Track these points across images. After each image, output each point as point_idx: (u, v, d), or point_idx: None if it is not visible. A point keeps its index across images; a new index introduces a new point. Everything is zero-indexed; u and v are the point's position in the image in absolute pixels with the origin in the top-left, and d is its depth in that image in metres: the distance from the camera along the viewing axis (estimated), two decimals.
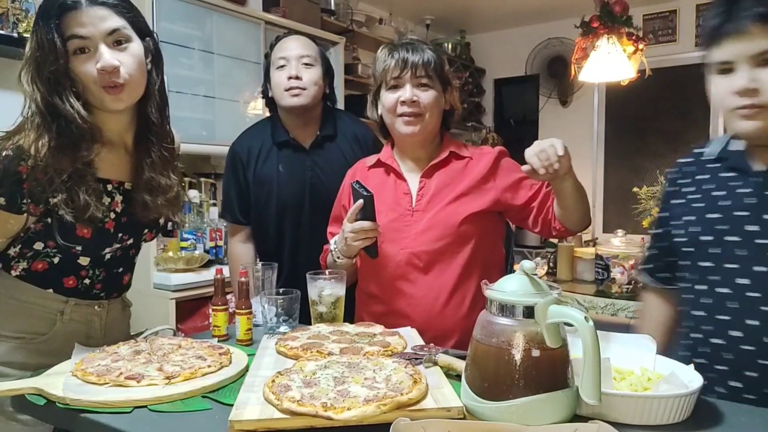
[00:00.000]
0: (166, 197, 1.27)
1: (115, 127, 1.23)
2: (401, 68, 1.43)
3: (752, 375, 1.04)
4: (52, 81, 1.11)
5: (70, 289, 1.23)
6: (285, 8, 3.43)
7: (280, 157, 1.85)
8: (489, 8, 4.90)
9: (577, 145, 5.14)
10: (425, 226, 1.45)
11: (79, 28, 1.11)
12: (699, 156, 1.23)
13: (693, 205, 1.17)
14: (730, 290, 1.07)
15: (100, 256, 1.24)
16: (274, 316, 1.33)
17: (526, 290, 0.87)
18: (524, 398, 0.83)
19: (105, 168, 1.21)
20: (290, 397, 0.87)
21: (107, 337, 1.28)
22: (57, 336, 1.22)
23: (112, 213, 1.22)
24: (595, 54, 3.32)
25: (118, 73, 1.13)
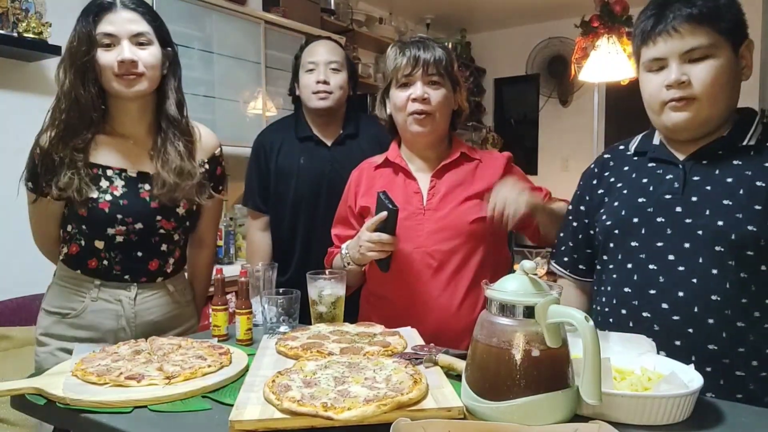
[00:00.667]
0: (192, 181, 1.41)
1: (124, 117, 1.40)
2: (412, 66, 1.42)
3: (678, 343, 1.11)
4: (81, 69, 1.31)
5: (93, 270, 1.39)
6: (285, 8, 3.43)
7: (302, 150, 1.96)
8: (489, 7, 4.90)
9: (577, 145, 5.16)
10: (438, 226, 1.44)
11: (110, 26, 1.31)
12: (620, 152, 1.34)
13: (621, 192, 1.25)
14: (657, 266, 1.15)
15: (110, 238, 1.37)
16: (274, 316, 1.33)
17: (526, 290, 0.87)
18: (524, 398, 0.83)
19: (107, 155, 1.38)
20: (290, 397, 0.87)
21: (138, 320, 1.41)
22: (87, 312, 1.38)
23: (108, 195, 1.36)
24: (596, 54, 3.32)
25: (136, 65, 1.32)
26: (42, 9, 2.49)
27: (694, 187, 1.15)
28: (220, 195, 1.57)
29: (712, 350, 1.09)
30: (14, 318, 2.24)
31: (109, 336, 1.38)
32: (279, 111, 3.32)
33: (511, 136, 5.54)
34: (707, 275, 1.10)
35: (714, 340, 1.09)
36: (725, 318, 1.09)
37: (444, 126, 1.49)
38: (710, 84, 1.11)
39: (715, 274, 1.10)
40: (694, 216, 1.13)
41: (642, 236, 1.19)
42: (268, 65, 3.23)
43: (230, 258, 2.88)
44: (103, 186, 1.36)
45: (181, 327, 1.49)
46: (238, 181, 3.49)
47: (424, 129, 1.45)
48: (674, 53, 1.12)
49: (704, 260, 1.11)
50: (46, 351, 1.39)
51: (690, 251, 1.12)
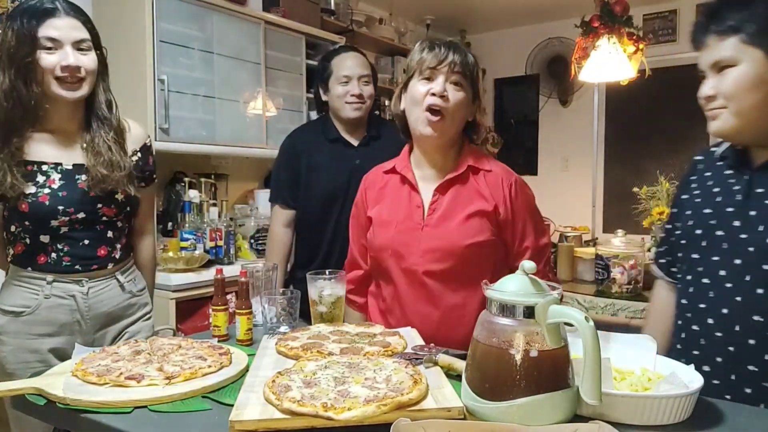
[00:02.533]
0: (122, 173, 1.47)
1: (59, 115, 1.46)
2: (439, 60, 1.39)
3: (719, 360, 1.10)
4: (22, 69, 1.36)
5: (43, 266, 1.43)
6: (285, 8, 3.42)
7: (331, 150, 2.15)
8: (489, 8, 4.90)
9: (577, 145, 5.16)
10: (433, 245, 1.40)
11: (54, 31, 1.38)
12: (710, 154, 1.28)
13: (695, 200, 1.22)
14: (709, 281, 1.14)
15: (54, 229, 1.42)
16: (274, 316, 1.33)
17: (526, 290, 0.87)
18: (525, 398, 0.83)
19: (41, 151, 1.45)
20: (290, 397, 0.87)
21: (92, 312, 1.46)
22: (41, 309, 1.43)
23: (47, 189, 1.42)
24: (596, 54, 3.32)
25: (79, 71, 1.40)
26: None
27: (755, 199, 1.11)
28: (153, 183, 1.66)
29: (752, 371, 1.06)
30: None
31: (65, 329, 1.44)
32: (279, 111, 3.32)
33: (511, 136, 5.53)
34: (752, 294, 1.07)
35: (754, 361, 1.06)
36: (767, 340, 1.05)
37: (455, 131, 1.44)
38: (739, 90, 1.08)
39: (760, 294, 1.06)
40: (749, 231, 1.09)
41: (702, 248, 1.16)
42: (268, 65, 3.23)
43: (230, 258, 2.87)
44: (40, 181, 1.42)
45: (135, 315, 1.57)
46: (239, 181, 3.51)
47: (434, 132, 1.40)
48: (706, 66, 1.12)
49: (751, 278, 1.07)
50: (6, 349, 1.42)
51: (739, 268, 1.09)
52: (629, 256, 2.51)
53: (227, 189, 3.37)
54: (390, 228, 1.45)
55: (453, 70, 1.39)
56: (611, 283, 2.53)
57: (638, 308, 2.38)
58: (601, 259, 2.60)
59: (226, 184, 3.37)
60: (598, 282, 2.62)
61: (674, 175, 3.27)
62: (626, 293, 2.48)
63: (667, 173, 3.25)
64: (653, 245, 2.94)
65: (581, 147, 5.05)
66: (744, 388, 1.06)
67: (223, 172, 3.33)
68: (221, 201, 3.08)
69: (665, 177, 3.08)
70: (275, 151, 3.32)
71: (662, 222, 2.87)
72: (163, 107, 2.64)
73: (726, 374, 1.07)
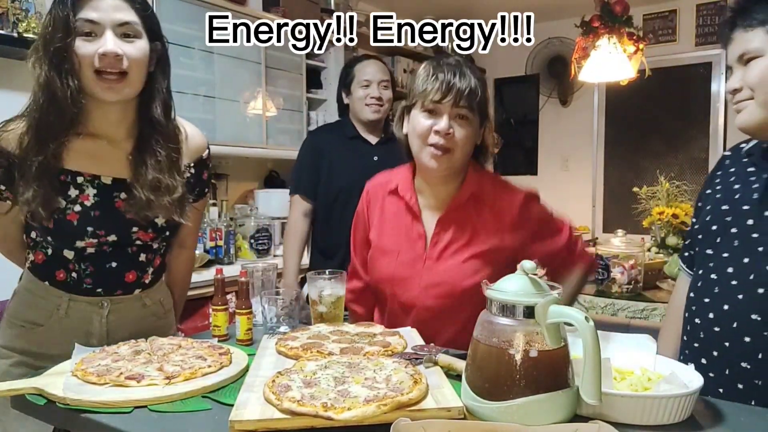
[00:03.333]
0: (171, 197, 1.25)
1: (102, 119, 1.23)
2: (444, 93, 1.30)
3: (715, 354, 1.12)
4: (56, 58, 1.13)
5: (61, 282, 1.24)
6: (285, 8, 3.43)
7: (349, 147, 2.33)
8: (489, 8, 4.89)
9: (577, 145, 5.16)
10: (433, 281, 1.37)
11: (92, 12, 1.14)
12: (738, 150, 1.27)
13: (716, 196, 1.23)
14: (716, 276, 1.15)
15: (80, 249, 1.23)
16: (274, 316, 1.33)
17: (526, 290, 0.87)
18: (524, 398, 0.83)
19: (78, 160, 1.22)
20: (290, 397, 0.87)
21: (110, 337, 1.26)
22: (53, 329, 1.24)
23: (78, 206, 1.20)
24: (596, 54, 3.32)
25: (120, 61, 1.15)
26: (42, 9, 2.49)
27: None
28: (204, 199, 1.44)
29: (745, 368, 1.08)
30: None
31: None
32: (279, 111, 3.32)
33: (511, 136, 5.53)
34: (752, 293, 1.08)
35: (748, 358, 1.08)
36: (763, 339, 1.07)
37: (462, 162, 1.37)
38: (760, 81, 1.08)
39: (760, 293, 1.07)
40: (760, 231, 1.10)
41: (716, 245, 1.17)
42: (268, 65, 3.23)
43: (230, 258, 2.87)
44: (72, 195, 1.20)
45: None
46: (239, 182, 3.51)
47: (439, 166, 1.33)
48: (733, 60, 1.12)
49: (754, 277, 1.09)
50: (5, 363, 1.25)
51: (747, 266, 1.10)
52: (629, 256, 2.51)
53: (227, 189, 3.37)
54: (391, 258, 1.42)
55: (458, 104, 1.30)
56: (611, 283, 2.53)
57: (638, 308, 2.38)
58: (601, 259, 2.60)
59: (226, 184, 3.37)
60: (598, 282, 2.62)
61: (674, 175, 3.28)
62: (626, 293, 2.49)
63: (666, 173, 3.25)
64: (653, 245, 2.94)
65: (581, 147, 5.05)
66: (737, 384, 1.08)
67: (223, 172, 3.33)
68: (221, 201, 3.08)
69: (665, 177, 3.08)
70: (275, 151, 3.36)
71: (662, 222, 2.88)
72: None
73: (721, 369, 1.09)
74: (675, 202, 2.94)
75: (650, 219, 2.94)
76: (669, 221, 2.85)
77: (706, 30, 4.55)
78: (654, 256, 2.79)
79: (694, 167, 4.62)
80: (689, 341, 1.21)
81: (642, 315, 2.35)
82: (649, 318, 2.32)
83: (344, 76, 2.43)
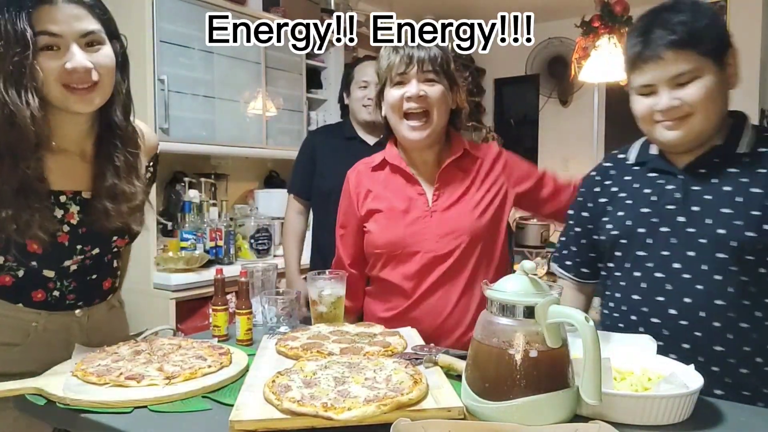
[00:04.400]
0: (129, 205, 1.20)
1: (72, 132, 1.18)
2: (407, 63, 1.39)
3: (686, 346, 1.15)
4: (13, 74, 1.04)
5: (39, 303, 1.18)
6: (285, 8, 3.43)
7: (347, 147, 2.30)
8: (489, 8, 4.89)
9: (577, 145, 5.16)
10: (447, 229, 1.42)
11: (52, 25, 1.06)
12: (620, 161, 1.36)
13: (625, 202, 1.29)
14: (664, 274, 1.19)
15: (64, 268, 1.18)
16: (274, 316, 1.33)
17: (526, 290, 0.87)
18: (525, 398, 0.83)
19: (58, 179, 1.16)
20: (290, 397, 0.87)
21: (91, 339, 1.23)
22: (33, 345, 1.18)
23: (66, 226, 1.16)
24: (596, 54, 3.32)
25: (89, 74, 1.10)
26: None
27: (694, 196, 1.19)
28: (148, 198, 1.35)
29: (719, 351, 1.14)
30: None
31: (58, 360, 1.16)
32: (279, 111, 3.32)
33: (511, 136, 5.53)
34: (711, 281, 1.14)
35: (720, 341, 1.14)
36: (730, 320, 1.13)
37: (442, 125, 1.45)
38: (702, 102, 1.13)
39: (718, 279, 1.14)
40: (696, 225, 1.17)
41: (648, 245, 1.22)
42: (268, 65, 3.23)
43: (230, 258, 2.87)
44: (58, 215, 1.15)
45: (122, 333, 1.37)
46: (239, 182, 3.51)
47: (419, 136, 1.41)
48: (662, 80, 1.15)
49: (708, 267, 1.15)
50: None
51: (694, 259, 1.16)
52: None
53: (227, 189, 3.37)
54: (397, 221, 1.44)
55: (423, 69, 1.39)
56: None
57: None
58: None
59: (226, 184, 3.37)
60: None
61: None
62: None
63: None
64: None
65: (581, 147, 5.05)
66: (711, 367, 1.13)
67: (223, 172, 3.33)
68: (221, 201, 3.08)
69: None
70: (275, 151, 3.36)
71: None
72: (163, 107, 2.64)
73: (693, 357, 1.12)
74: None
75: None
76: None
77: None
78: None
79: None
80: None
81: None
82: None
83: (345, 77, 2.49)
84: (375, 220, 1.49)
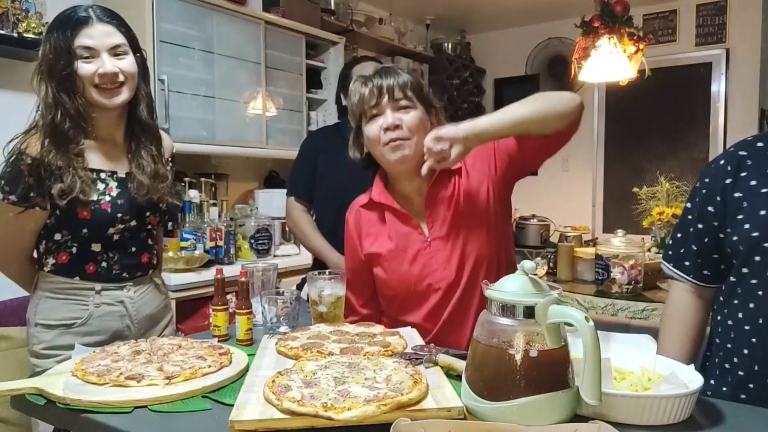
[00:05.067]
0: (166, 183, 1.51)
1: (106, 123, 1.47)
2: (377, 95, 1.38)
3: None
4: (63, 80, 1.37)
5: (92, 275, 1.44)
6: (285, 8, 3.42)
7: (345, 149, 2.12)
8: (489, 8, 4.90)
9: (577, 145, 5.15)
10: (451, 253, 1.40)
11: (89, 40, 1.38)
12: (759, 150, 1.15)
13: (767, 199, 1.09)
14: None
15: (108, 237, 1.44)
16: (274, 316, 1.33)
17: (526, 290, 0.87)
18: (525, 398, 0.83)
19: (97, 160, 1.45)
20: (291, 397, 0.87)
21: (139, 315, 1.50)
22: (93, 318, 1.44)
23: (107, 196, 1.43)
24: (596, 54, 3.32)
25: (117, 76, 1.40)
26: (42, 9, 2.49)
27: None
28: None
29: None
30: (13, 318, 2.24)
31: (116, 336, 1.44)
32: (279, 111, 3.32)
33: None
34: None
35: None
36: None
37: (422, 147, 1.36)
38: None
39: None
40: None
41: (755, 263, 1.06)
42: (268, 65, 3.23)
43: (230, 258, 2.87)
44: (101, 188, 1.43)
45: (167, 316, 1.64)
46: (239, 182, 3.51)
47: (403, 153, 1.37)
48: None
49: None
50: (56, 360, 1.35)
51: None
52: (629, 256, 2.51)
53: (227, 189, 3.37)
54: (400, 260, 1.42)
55: (394, 98, 1.38)
56: (611, 283, 2.53)
57: (638, 308, 2.38)
58: (601, 259, 2.60)
59: (226, 184, 3.37)
60: (598, 282, 2.62)
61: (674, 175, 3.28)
62: (626, 293, 2.48)
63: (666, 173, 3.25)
64: (653, 245, 2.94)
65: (581, 147, 5.05)
66: None
67: (223, 172, 3.34)
68: (221, 201, 3.08)
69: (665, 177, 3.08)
70: (275, 151, 3.36)
71: (662, 222, 2.87)
72: (163, 107, 2.64)
73: None
74: (675, 202, 2.94)
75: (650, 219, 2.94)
76: (669, 221, 2.85)
77: (706, 30, 4.55)
78: (654, 257, 2.79)
79: (694, 167, 4.61)
80: (756, 377, 1.08)
81: (642, 315, 2.35)
82: (649, 318, 2.31)
83: (342, 78, 2.42)
84: (379, 265, 1.46)
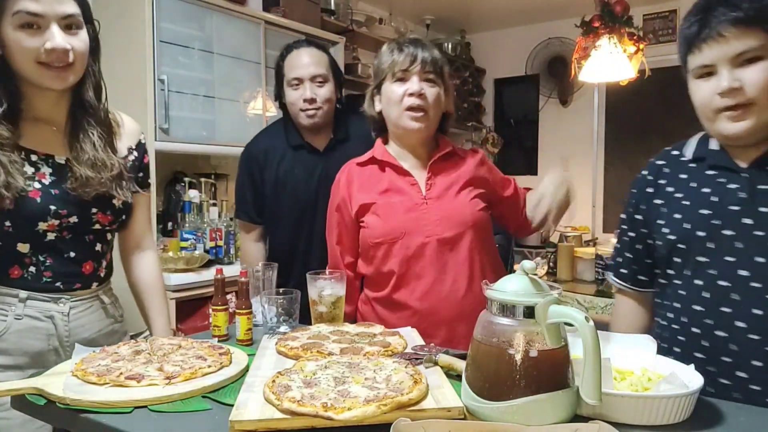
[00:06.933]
0: (110, 174, 1.26)
1: (42, 104, 1.24)
2: (410, 61, 1.45)
3: (758, 364, 1.06)
4: None
5: (16, 280, 1.19)
6: (285, 8, 3.43)
7: (295, 159, 1.94)
8: (489, 8, 4.90)
9: (577, 145, 5.16)
10: (445, 214, 1.46)
11: (34, 5, 1.11)
12: (675, 157, 1.26)
13: (681, 203, 1.19)
14: (729, 283, 1.09)
15: (38, 235, 1.19)
16: (274, 316, 1.33)
17: (526, 290, 0.87)
18: (525, 398, 0.83)
19: (30, 139, 1.22)
20: (290, 397, 0.87)
21: (72, 338, 1.23)
22: (10, 332, 1.17)
23: (37, 183, 1.19)
24: (596, 54, 3.32)
25: (67, 55, 1.16)
26: None
27: (761, 196, 1.08)
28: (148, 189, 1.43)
29: None
30: None
31: (37, 361, 1.18)
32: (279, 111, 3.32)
33: (511, 136, 5.54)
34: None
35: None
36: None
37: (435, 124, 1.52)
38: (766, 86, 1.04)
39: None
40: (765, 228, 1.07)
41: (710, 251, 1.12)
42: (268, 65, 3.23)
43: (230, 258, 2.88)
44: (28, 172, 1.18)
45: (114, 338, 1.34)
46: None
47: (420, 125, 1.46)
48: (723, 59, 1.06)
49: None
50: None
51: (764, 266, 1.06)
52: None
53: (227, 189, 3.37)
54: (395, 209, 1.47)
55: (425, 69, 1.46)
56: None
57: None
58: (601, 259, 2.61)
59: (226, 184, 3.37)
60: (598, 282, 2.62)
61: None
62: None
63: None
64: None
65: (581, 147, 5.05)
66: None
67: (223, 172, 3.33)
68: (221, 201, 3.09)
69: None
70: None
71: None
72: (163, 107, 2.65)
73: (764, 378, 1.04)
74: None
75: None
76: None
77: None
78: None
79: None
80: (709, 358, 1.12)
81: None
82: None
83: (277, 72, 2.00)
84: (372, 212, 1.49)
